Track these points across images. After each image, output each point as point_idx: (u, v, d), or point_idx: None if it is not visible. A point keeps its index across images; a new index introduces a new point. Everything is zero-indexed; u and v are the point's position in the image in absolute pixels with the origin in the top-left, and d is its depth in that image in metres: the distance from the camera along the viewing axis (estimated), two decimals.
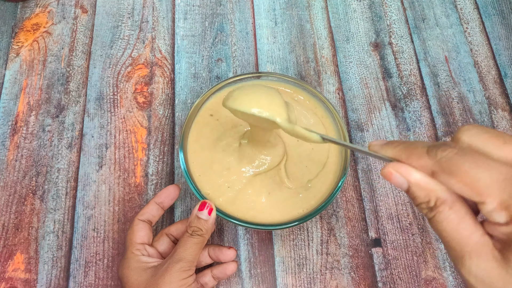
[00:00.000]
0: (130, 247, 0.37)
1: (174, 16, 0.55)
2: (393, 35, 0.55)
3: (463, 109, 0.51)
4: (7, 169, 0.46)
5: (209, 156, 0.41)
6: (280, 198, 0.40)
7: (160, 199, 0.40)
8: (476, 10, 0.58)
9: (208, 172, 0.40)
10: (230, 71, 0.52)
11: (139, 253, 0.36)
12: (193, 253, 0.34)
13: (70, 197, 0.45)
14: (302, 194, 0.40)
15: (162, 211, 0.40)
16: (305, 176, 0.41)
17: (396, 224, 0.45)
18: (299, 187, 0.40)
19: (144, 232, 0.38)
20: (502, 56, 0.55)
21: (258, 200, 0.40)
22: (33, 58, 0.51)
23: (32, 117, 0.48)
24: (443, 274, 0.43)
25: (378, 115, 0.51)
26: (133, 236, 0.37)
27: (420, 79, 0.53)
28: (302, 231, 0.45)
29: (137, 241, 0.37)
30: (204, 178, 0.40)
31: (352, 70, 0.53)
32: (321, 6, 0.57)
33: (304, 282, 0.43)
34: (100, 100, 0.50)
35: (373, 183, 0.47)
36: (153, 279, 0.33)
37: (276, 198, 0.40)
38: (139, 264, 0.35)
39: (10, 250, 0.42)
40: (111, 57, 0.52)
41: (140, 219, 0.38)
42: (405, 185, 0.23)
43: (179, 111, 0.50)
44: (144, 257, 0.36)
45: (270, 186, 0.40)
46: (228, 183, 0.40)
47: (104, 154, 0.47)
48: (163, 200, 0.40)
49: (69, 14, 0.54)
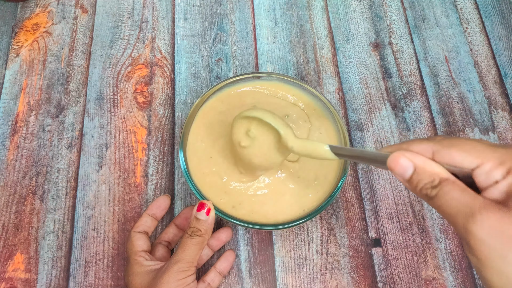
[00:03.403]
0: (132, 255, 0.37)
1: (174, 16, 0.55)
2: (393, 35, 0.55)
3: (463, 109, 0.51)
4: (7, 169, 0.46)
5: (209, 156, 0.41)
6: (280, 198, 0.40)
7: (152, 210, 0.42)
8: (476, 10, 0.58)
9: (208, 172, 0.40)
10: (230, 71, 0.52)
11: (141, 259, 0.37)
12: (192, 254, 0.34)
13: (70, 197, 0.45)
14: (302, 194, 0.40)
15: (156, 222, 0.42)
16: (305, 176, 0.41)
17: (396, 224, 0.45)
18: (299, 187, 0.40)
19: (142, 241, 0.39)
20: (502, 56, 0.55)
21: (258, 199, 0.40)
22: (33, 58, 0.51)
23: (32, 117, 0.48)
24: (443, 274, 0.43)
25: (378, 115, 0.51)
26: (133, 246, 0.38)
27: (420, 79, 0.53)
28: (302, 231, 0.45)
29: (137, 249, 0.38)
30: (204, 178, 0.40)
31: (352, 70, 0.53)
32: (321, 6, 0.57)
33: (304, 282, 0.43)
34: (100, 100, 0.50)
35: (373, 183, 0.47)
36: (153, 281, 0.34)
37: (276, 198, 0.40)
38: (142, 269, 0.36)
39: (10, 250, 0.42)
40: (111, 57, 0.52)
41: (136, 231, 0.39)
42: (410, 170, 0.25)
43: (179, 111, 0.50)
44: (147, 261, 0.37)
45: (270, 186, 0.40)
46: (228, 183, 0.40)
47: (104, 154, 0.47)
48: (154, 211, 0.42)
49: (69, 14, 0.54)
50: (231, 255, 0.42)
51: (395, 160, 0.25)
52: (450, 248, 0.45)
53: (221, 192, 0.39)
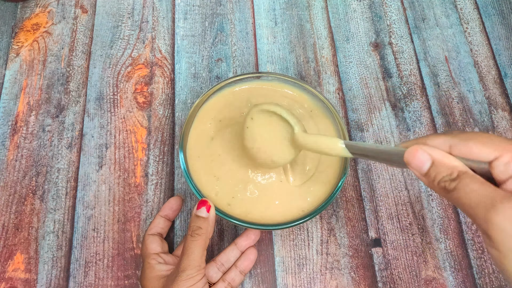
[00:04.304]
0: (145, 258, 0.38)
1: (174, 16, 0.55)
2: (393, 35, 0.55)
3: (463, 109, 0.51)
4: (7, 169, 0.46)
5: (209, 156, 0.41)
6: (280, 198, 0.40)
7: (164, 212, 0.42)
8: (476, 10, 0.58)
9: (208, 172, 0.40)
10: (230, 71, 0.52)
11: (154, 262, 0.37)
12: (196, 258, 0.34)
13: (70, 197, 0.45)
14: (303, 194, 0.40)
15: (169, 223, 0.42)
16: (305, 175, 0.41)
17: (396, 224, 0.45)
18: (299, 187, 0.40)
19: (155, 244, 0.39)
20: (502, 56, 0.55)
21: (258, 200, 0.40)
22: (33, 58, 0.51)
23: (32, 117, 0.48)
24: (443, 274, 0.43)
25: (378, 115, 0.51)
26: (146, 249, 0.38)
27: (420, 79, 0.53)
28: (302, 231, 0.45)
29: (150, 252, 0.38)
30: (204, 178, 0.40)
31: (352, 70, 0.53)
32: (321, 6, 0.57)
33: (304, 282, 0.43)
34: (100, 100, 0.50)
35: (373, 183, 0.47)
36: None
37: (276, 198, 0.40)
38: (154, 274, 0.36)
39: (10, 250, 0.42)
40: (111, 57, 0.52)
41: (149, 234, 0.40)
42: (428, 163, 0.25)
43: (179, 111, 0.50)
44: (159, 265, 0.37)
45: (270, 185, 0.40)
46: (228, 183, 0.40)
47: (104, 154, 0.47)
48: (167, 212, 0.42)
49: (69, 14, 0.54)
50: (253, 253, 0.41)
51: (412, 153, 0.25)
52: (450, 248, 0.45)
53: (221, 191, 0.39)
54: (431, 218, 0.46)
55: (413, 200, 0.46)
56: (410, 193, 0.47)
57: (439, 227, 0.45)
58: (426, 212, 0.46)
